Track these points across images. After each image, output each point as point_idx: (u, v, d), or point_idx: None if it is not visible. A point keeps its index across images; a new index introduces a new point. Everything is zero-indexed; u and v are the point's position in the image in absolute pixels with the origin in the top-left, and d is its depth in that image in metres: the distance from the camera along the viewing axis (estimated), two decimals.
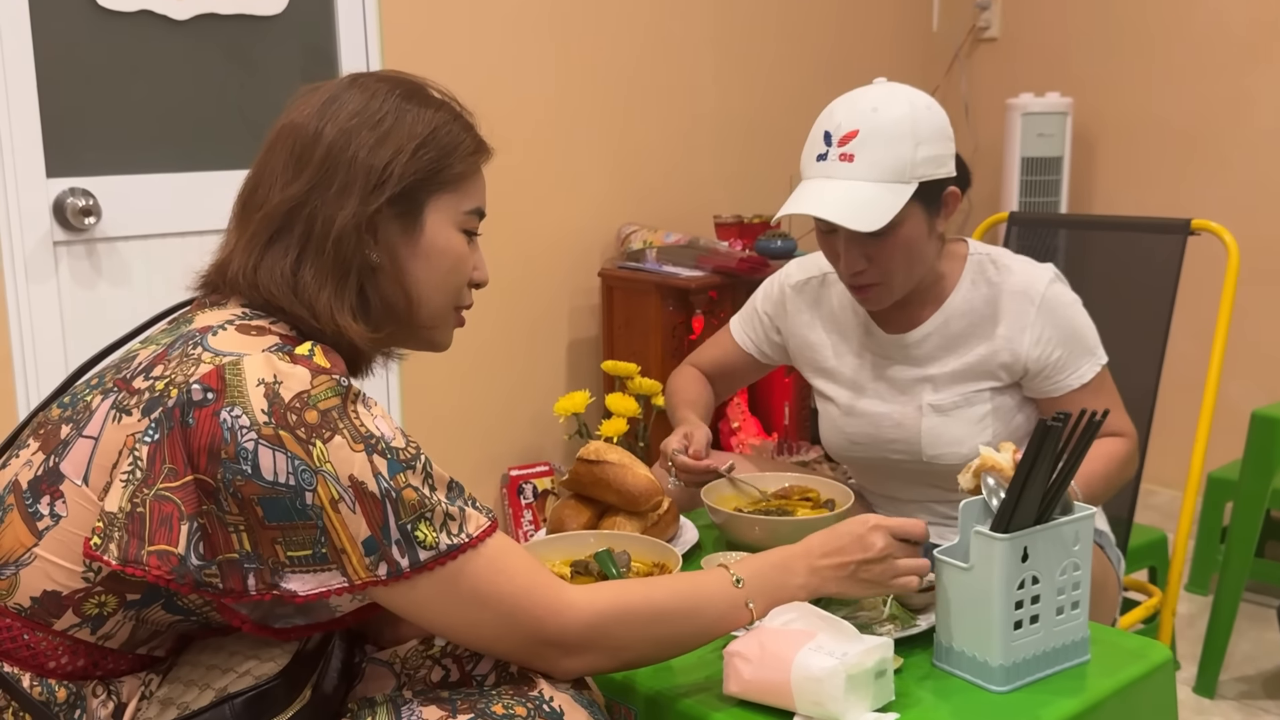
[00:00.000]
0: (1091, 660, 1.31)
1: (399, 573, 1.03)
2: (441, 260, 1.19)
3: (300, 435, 1.01)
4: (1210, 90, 3.32)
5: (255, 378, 1.03)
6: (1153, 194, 3.45)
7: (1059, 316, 1.67)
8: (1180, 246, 2.14)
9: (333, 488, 1.01)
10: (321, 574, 1.03)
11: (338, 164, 1.13)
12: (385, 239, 1.15)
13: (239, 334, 1.09)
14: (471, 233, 1.22)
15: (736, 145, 3.38)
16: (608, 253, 3.16)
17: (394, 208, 1.15)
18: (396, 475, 1.03)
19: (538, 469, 3.05)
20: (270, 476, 1.00)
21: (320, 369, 1.05)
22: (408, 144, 1.15)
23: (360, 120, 1.14)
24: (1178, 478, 3.03)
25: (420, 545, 1.04)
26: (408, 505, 1.03)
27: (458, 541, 1.05)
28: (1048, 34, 3.67)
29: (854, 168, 1.57)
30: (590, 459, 1.61)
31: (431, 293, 1.19)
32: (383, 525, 1.02)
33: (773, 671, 1.17)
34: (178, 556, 1.02)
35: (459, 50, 2.84)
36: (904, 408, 1.73)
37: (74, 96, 2.33)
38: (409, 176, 1.14)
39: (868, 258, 1.61)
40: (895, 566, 1.25)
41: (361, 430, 1.04)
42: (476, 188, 1.22)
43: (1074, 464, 1.23)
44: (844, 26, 3.57)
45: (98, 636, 1.08)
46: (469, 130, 1.21)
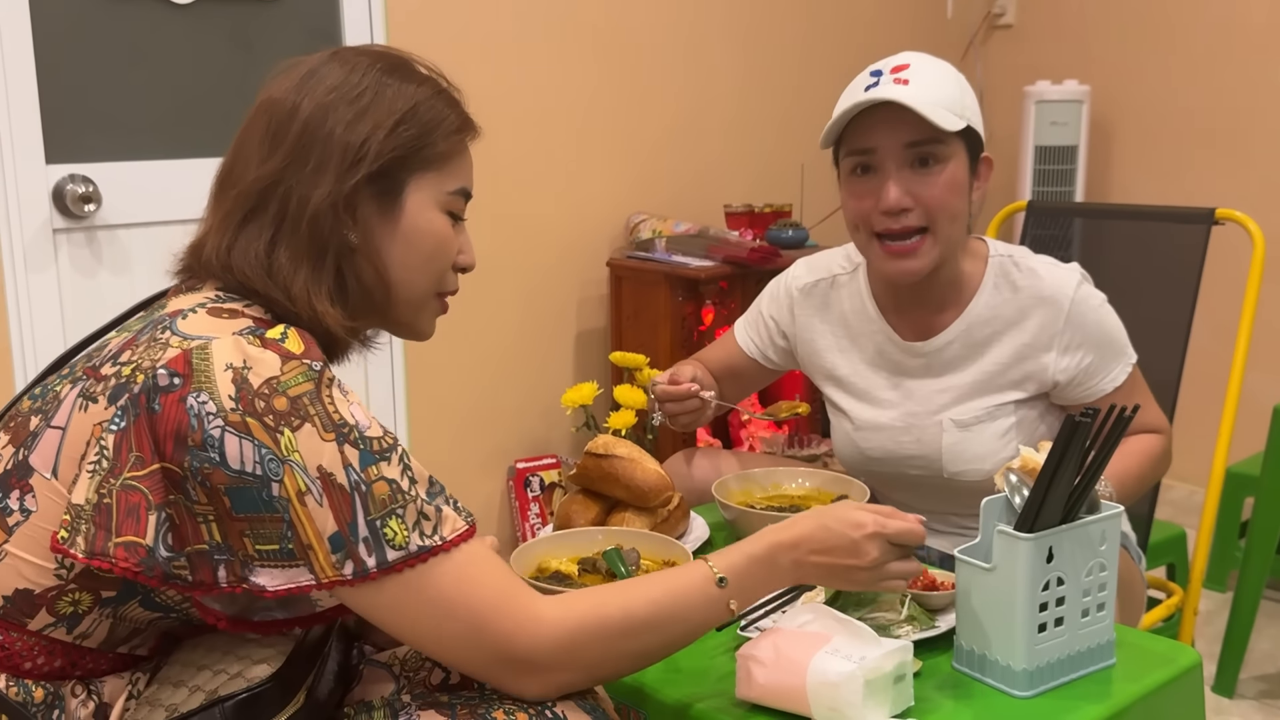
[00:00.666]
0: (1117, 664, 1.26)
1: (364, 573, 0.98)
2: (422, 242, 1.14)
3: (268, 423, 0.96)
4: (1231, 78, 3.26)
5: (223, 362, 0.98)
6: (1171, 184, 3.39)
7: (1089, 322, 1.59)
8: (1204, 237, 2.09)
9: (300, 479, 0.96)
10: (290, 570, 0.98)
11: (314, 140, 1.08)
12: (363, 219, 1.10)
13: (209, 317, 1.04)
14: (456, 215, 1.17)
15: (747, 133, 3.33)
16: (616, 242, 3.12)
17: (372, 186, 1.10)
18: (368, 467, 0.98)
19: (545, 461, 3.02)
20: (237, 465, 0.96)
21: (291, 354, 1.00)
22: (387, 120, 1.10)
23: (339, 95, 1.10)
24: (1194, 472, 2.99)
25: (389, 544, 0.98)
26: (378, 500, 0.98)
27: (429, 543, 1.00)
28: (1065, 21, 3.61)
29: (909, 90, 1.49)
30: (598, 453, 1.57)
31: (412, 276, 1.14)
32: (350, 521, 0.97)
33: (787, 676, 1.13)
34: (146, 548, 0.98)
35: (465, 35, 2.79)
36: (923, 422, 1.65)
37: (74, 82, 2.29)
38: (387, 154, 1.09)
39: (913, 195, 1.52)
40: (885, 572, 1.17)
41: (334, 418, 0.99)
42: (462, 167, 1.17)
43: (1102, 461, 1.19)
44: (857, 13, 3.52)
45: (74, 636, 1.04)
46: (454, 107, 1.16)
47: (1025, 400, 1.62)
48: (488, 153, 3.18)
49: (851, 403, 1.72)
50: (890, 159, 1.52)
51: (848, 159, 1.57)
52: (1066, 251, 2.28)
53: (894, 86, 1.51)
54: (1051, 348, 1.59)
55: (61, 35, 2.26)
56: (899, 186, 1.52)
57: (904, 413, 1.67)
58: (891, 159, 1.52)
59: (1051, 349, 1.59)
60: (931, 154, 1.52)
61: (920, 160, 1.52)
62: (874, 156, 1.53)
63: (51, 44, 2.25)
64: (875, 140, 1.53)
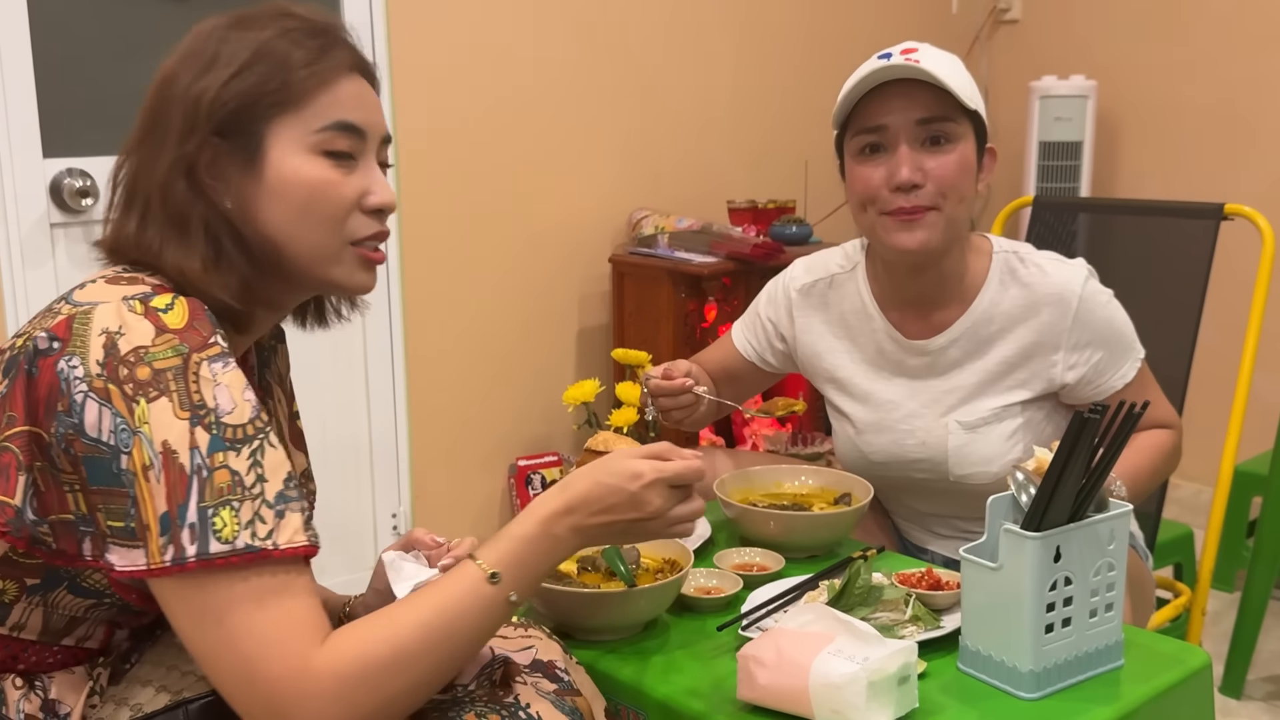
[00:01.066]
0: (1125, 665, 1.24)
1: (181, 562, 0.91)
2: (293, 193, 1.03)
3: (127, 391, 0.93)
4: (1240, 72, 3.23)
5: (100, 327, 0.95)
6: (1180, 179, 3.37)
7: (1098, 319, 1.56)
8: (1213, 232, 2.06)
9: (146, 452, 0.92)
10: (132, 551, 0.93)
11: (161, 111, 1.03)
12: (231, 180, 1.03)
13: (105, 285, 1.00)
14: (341, 154, 1.05)
15: (751, 129, 3.31)
16: (618, 238, 3.09)
17: (228, 143, 1.02)
18: (216, 453, 0.93)
19: (546, 459, 3.00)
20: (94, 433, 0.93)
21: (166, 328, 0.95)
22: (227, 68, 1.02)
23: (184, 59, 1.04)
24: (1201, 471, 2.97)
25: (215, 535, 0.91)
26: (216, 487, 0.92)
27: (258, 545, 0.92)
28: (1071, 15, 3.59)
29: (921, 68, 1.48)
30: (599, 450, 1.55)
31: (294, 231, 1.04)
32: (182, 503, 0.91)
33: (790, 677, 1.11)
34: (14, 508, 0.95)
35: (468, 31, 2.77)
36: (928, 424, 1.62)
37: (71, 75, 2.27)
38: (230, 103, 1.01)
39: (924, 173, 1.50)
40: (670, 519, 1.09)
41: (194, 397, 0.93)
42: (331, 101, 1.05)
43: (1111, 458, 1.16)
44: (861, 7, 3.50)
45: (9, 627, 1.02)
46: (313, 37, 1.05)
47: (1032, 400, 1.60)
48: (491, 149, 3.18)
49: (853, 405, 1.69)
50: (902, 135, 1.51)
51: (856, 139, 1.54)
52: (1073, 247, 2.25)
53: (904, 64, 1.49)
54: (1060, 346, 1.56)
55: (59, 29, 2.24)
56: (911, 161, 1.50)
57: (908, 414, 1.64)
58: (904, 134, 1.51)
59: (1060, 347, 1.57)
60: (943, 132, 1.51)
61: (932, 139, 1.51)
62: (885, 134, 1.52)
63: (49, 38, 2.23)
64: (888, 116, 1.51)
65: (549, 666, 1.14)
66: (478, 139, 2.82)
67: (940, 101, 1.49)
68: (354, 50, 1.09)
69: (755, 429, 3.01)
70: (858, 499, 1.58)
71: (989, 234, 1.67)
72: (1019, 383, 1.59)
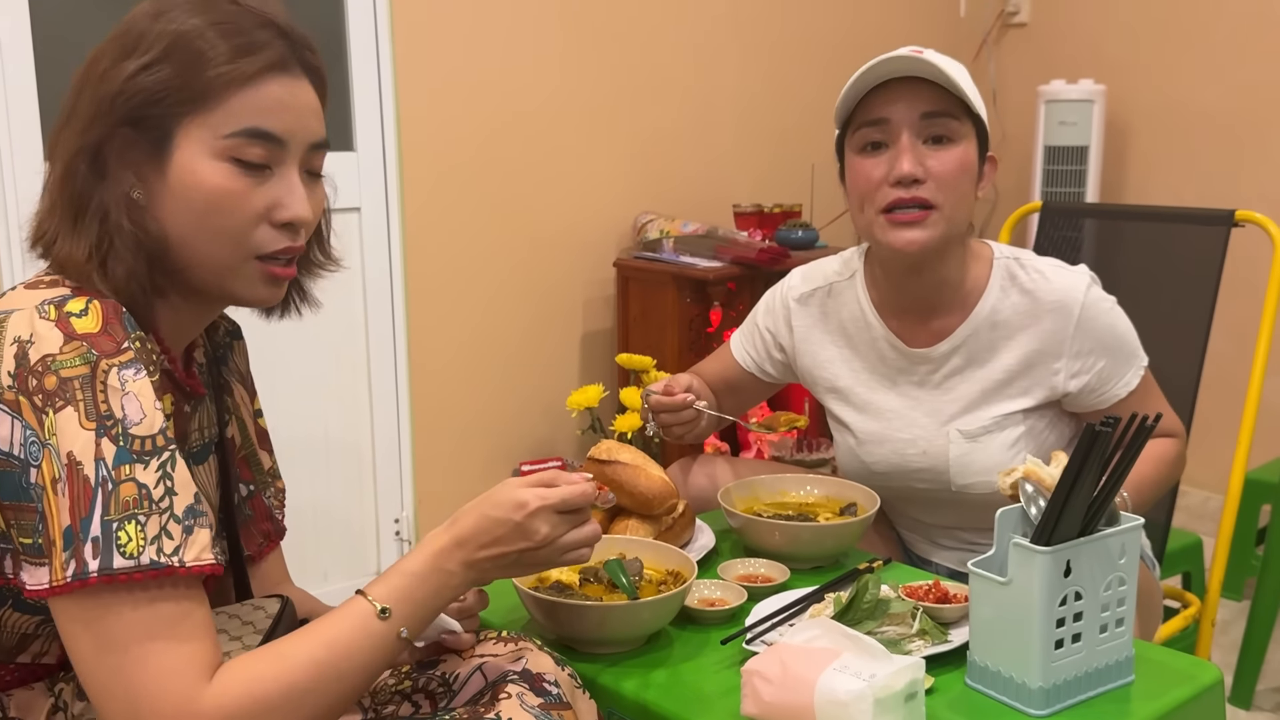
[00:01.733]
0: (1136, 681, 1.22)
1: (83, 577, 0.88)
2: (194, 197, 0.98)
3: (36, 402, 0.90)
4: (1250, 76, 3.21)
5: (13, 336, 0.92)
6: (1189, 184, 3.34)
7: (1100, 326, 1.54)
8: (1223, 239, 2.04)
9: (55, 465, 0.90)
10: (39, 569, 0.91)
11: (81, 93, 1.00)
12: (141, 173, 0.99)
13: (24, 290, 0.98)
14: (251, 163, 1.00)
15: (756, 133, 3.29)
16: (623, 242, 3.08)
17: (140, 134, 0.98)
18: (121, 465, 0.90)
19: (549, 464, 2.98)
20: (5, 447, 0.91)
21: (75, 334, 0.92)
22: (143, 57, 0.97)
23: (110, 42, 0.99)
24: (1210, 478, 2.94)
25: (119, 549, 0.89)
26: (121, 501, 0.90)
27: (164, 561, 0.89)
28: (1080, 19, 3.56)
29: (927, 61, 1.48)
30: (601, 458, 1.53)
31: (193, 237, 1.00)
32: (85, 517, 0.89)
33: (794, 694, 1.09)
34: None
35: (472, 33, 2.76)
36: (929, 433, 1.60)
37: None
38: (136, 96, 0.97)
39: (925, 169, 1.49)
40: (561, 546, 1.07)
41: (101, 407, 0.91)
42: (247, 105, 0.99)
43: (1123, 472, 1.15)
44: (867, 11, 3.48)
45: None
46: (240, 33, 0.99)
47: (1034, 409, 1.58)
48: (495, 153, 3.17)
49: (853, 415, 1.67)
50: (905, 129, 1.49)
51: (858, 133, 1.53)
52: (1082, 253, 2.23)
53: (911, 58, 1.49)
54: (1062, 354, 1.55)
55: (61, 37, 2.24)
56: (913, 155, 1.49)
57: (909, 423, 1.62)
58: (907, 128, 1.49)
59: (1062, 355, 1.55)
60: (946, 130, 1.50)
61: (935, 137, 1.50)
62: (888, 128, 1.50)
63: (51, 45, 2.23)
64: (891, 110, 1.50)
65: (537, 679, 1.12)
66: (482, 143, 2.81)
67: (944, 99, 1.49)
68: (288, 48, 1.02)
69: (760, 435, 2.99)
70: (864, 509, 1.57)
71: (989, 240, 1.65)
72: (1021, 391, 1.57)
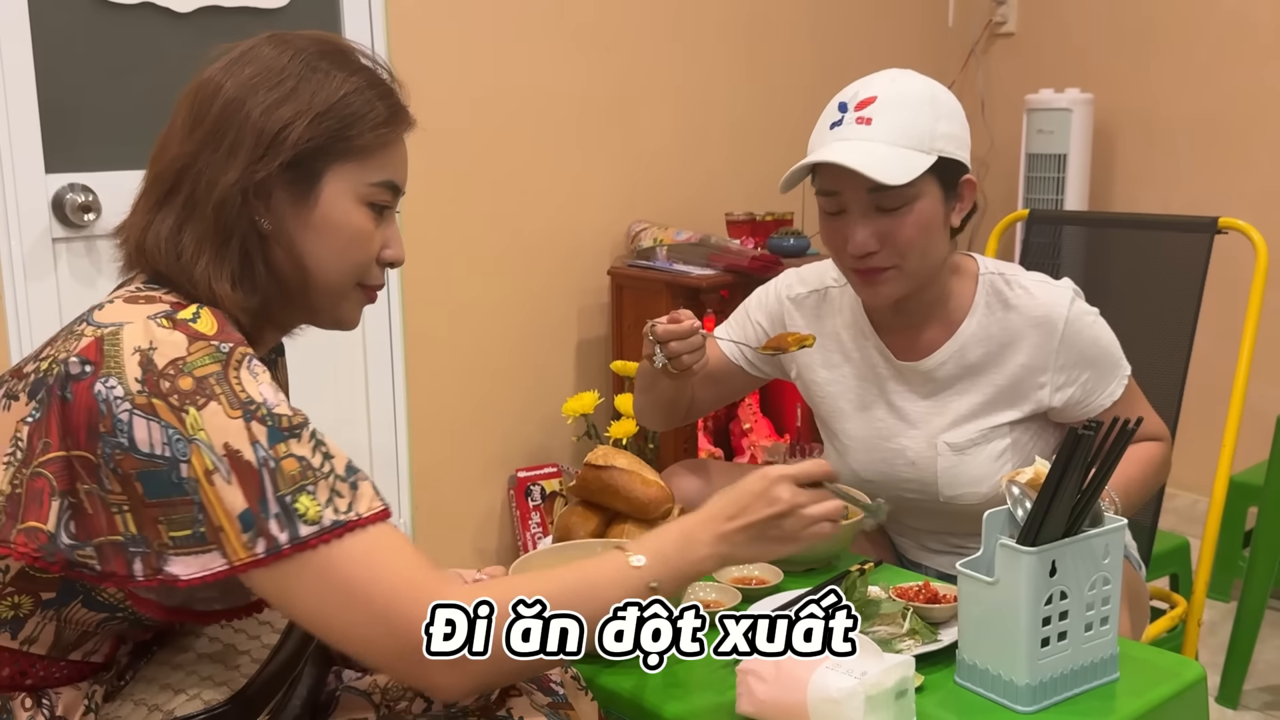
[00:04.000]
0: (1121, 678, 1.25)
1: (277, 550, 0.94)
2: (337, 234, 1.10)
3: (173, 403, 0.95)
4: (1234, 86, 3.25)
5: (132, 346, 0.97)
6: (1175, 192, 3.38)
7: (1084, 340, 1.57)
8: (1207, 246, 2.07)
9: (207, 458, 0.94)
10: (203, 555, 0.95)
11: (230, 123, 1.06)
12: (276, 206, 1.07)
13: (125, 305, 1.03)
14: (381, 207, 1.13)
15: (749, 142, 3.33)
16: (617, 250, 3.11)
17: (287, 174, 1.07)
18: (277, 444, 0.96)
19: (546, 470, 3.01)
20: (146, 449, 0.94)
21: (199, 335, 0.99)
22: (308, 109, 1.06)
23: (262, 79, 1.07)
24: (1197, 481, 2.98)
25: (302, 519, 0.95)
26: (287, 476, 0.96)
27: (343, 518, 0.96)
28: (1067, 29, 3.61)
29: (872, 130, 1.47)
30: (598, 464, 1.56)
31: (326, 267, 1.10)
32: (260, 498, 0.95)
33: (788, 691, 1.12)
34: (47, 534, 0.96)
35: (466, 45, 2.79)
36: (918, 445, 1.62)
37: (74, 90, 2.28)
38: (304, 143, 1.06)
39: (880, 237, 1.49)
40: (806, 517, 1.13)
41: (241, 396, 0.97)
42: (388, 160, 1.12)
43: (1106, 474, 1.18)
44: (858, 21, 3.52)
45: (20, 641, 1.03)
46: (385, 99, 1.11)
47: (1020, 421, 1.61)
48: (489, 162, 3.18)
49: (844, 423, 1.69)
50: (855, 204, 1.50)
51: (818, 196, 1.55)
52: (1068, 260, 2.27)
53: (854, 127, 1.48)
54: (1047, 368, 1.57)
55: (61, 44, 2.25)
56: (865, 229, 1.50)
57: (897, 434, 1.64)
58: (856, 204, 1.50)
59: (1047, 369, 1.57)
60: (897, 200, 1.48)
61: (886, 204, 1.49)
62: (841, 199, 1.52)
63: (51, 53, 2.24)
64: (840, 185, 1.50)
65: (544, 680, 1.15)
66: (476, 152, 2.83)
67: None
68: (410, 115, 1.15)
69: (754, 440, 3.02)
70: (855, 513, 1.60)
71: (975, 254, 1.67)
72: (1008, 404, 1.60)
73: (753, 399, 3.03)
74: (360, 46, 1.15)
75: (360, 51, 1.14)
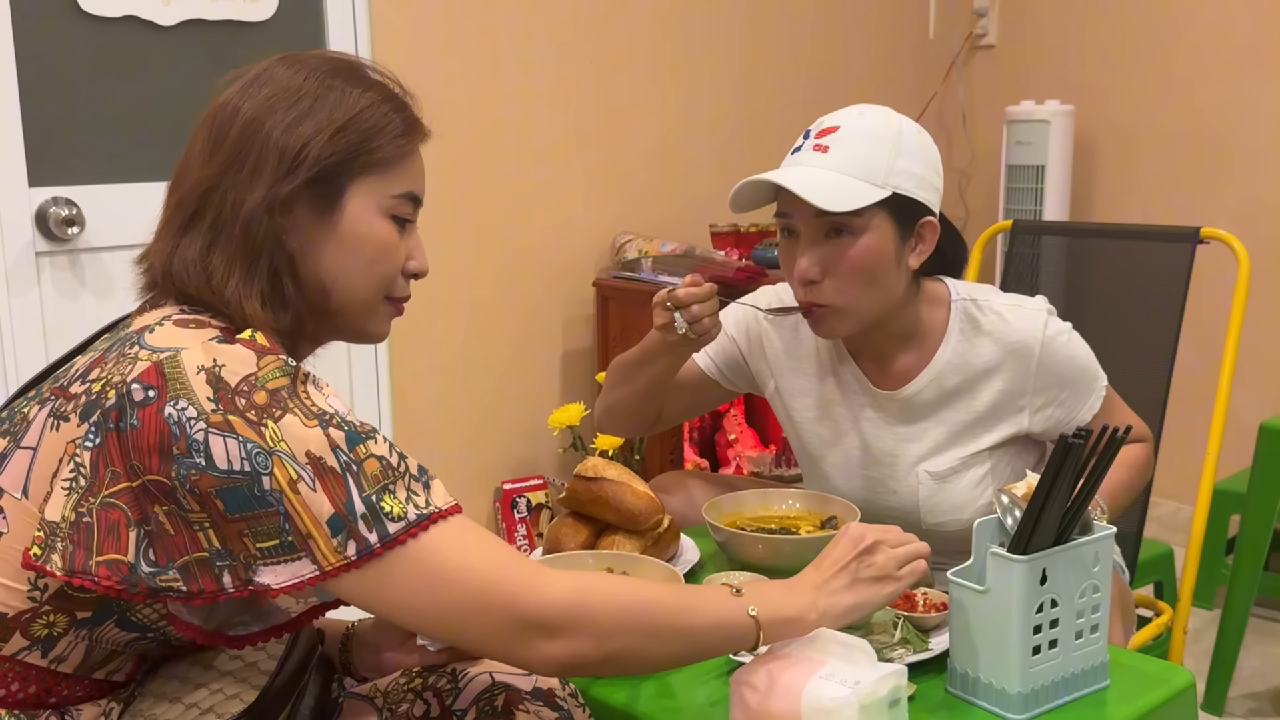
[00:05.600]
0: (1111, 686, 1.26)
1: (369, 550, 0.97)
2: (363, 247, 1.11)
3: (251, 418, 0.96)
4: (1214, 97, 3.29)
5: (195, 366, 0.98)
6: (1156, 202, 3.41)
7: (1060, 361, 1.57)
8: (1189, 255, 2.09)
9: (290, 468, 0.95)
10: (292, 564, 0.97)
11: (252, 144, 1.07)
12: (301, 223, 1.08)
13: (176, 328, 1.03)
14: (404, 219, 1.14)
15: (732, 154, 3.34)
16: (602, 262, 3.11)
17: (310, 190, 1.08)
18: (356, 446, 0.98)
19: (531, 482, 3.00)
20: (225, 465, 0.95)
21: (265, 349, 1.01)
22: (328, 124, 1.08)
23: (279, 98, 1.08)
24: (1181, 489, 3.00)
25: (388, 518, 0.98)
26: (370, 476, 0.98)
27: (427, 512, 0.99)
28: (1046, 41, 3.64)
29: (826, 158, 1.48)
30: (588, 476, 1.57)
31: (353, 281, 1.12)
32: (347, 501, 0.97)
33: (782, 701, 1.12)
34: (128, 565, 0.96)
35: (451, 58, 2.79)
36: (899, 473, 1.62)
37: (57, 103, 2.27)
38: (326, 158, 1.07)
39: (823, 267, 1.50)
40: (895, 554, 1.18)
41: (314, 408, 0.99)
42: (408, 172, 1.14)
43: (1095, 482, 1.19)
44: (840, 34, 3.54)
45: (50, 660, 1.03)
46: (401, 111, 1.14)
47: (999, 445, 1.61)
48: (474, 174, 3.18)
49: (823, 448, 1.69)
50: (804, 228, 1.51)
51: (775, 219, 1.56)
52: (1052, 271, 2.28)
53: (810, 154, 1.50)
54: (1025, 392, 1.57)
55: (45, 57, 2.25)
56: (810, 255, 1.51)
57: (877, 462, 1.64)
58: (805, 229, 1.51)
59: (1025, 393, 1.57)
60: (844, 225, 1.49)
61: (834, 230, 1.50)
62: (793, 221, 1.53)
63: (35, 66, 2.23)
64: (790, 208, 1.52)
65: (549, 695, 1.15)
66: (461, 164, 2.84)
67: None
68: (424, 125, 1.17)
69: (739, 450, 3.02)
70: (844, 522, 1.60)
71: (946, 279, 1.65)
72: (987, 430, 1.60)
73: (738, 410, 3.03)
74: (370, 62, 1.16)
75: (371, 67, 1.15)
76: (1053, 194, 3.37)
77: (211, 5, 2.41)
